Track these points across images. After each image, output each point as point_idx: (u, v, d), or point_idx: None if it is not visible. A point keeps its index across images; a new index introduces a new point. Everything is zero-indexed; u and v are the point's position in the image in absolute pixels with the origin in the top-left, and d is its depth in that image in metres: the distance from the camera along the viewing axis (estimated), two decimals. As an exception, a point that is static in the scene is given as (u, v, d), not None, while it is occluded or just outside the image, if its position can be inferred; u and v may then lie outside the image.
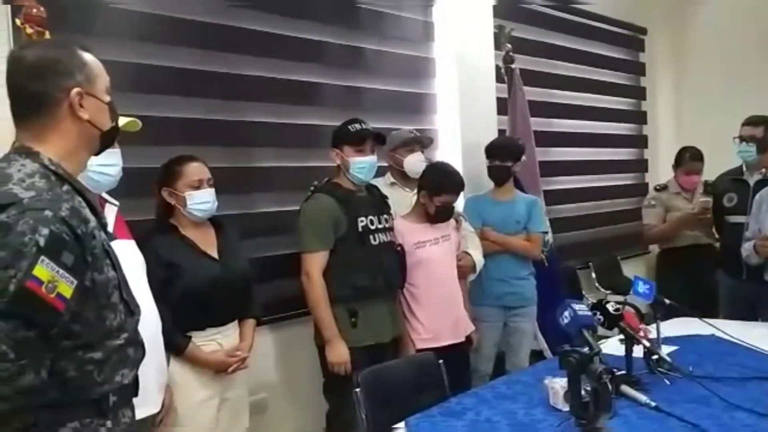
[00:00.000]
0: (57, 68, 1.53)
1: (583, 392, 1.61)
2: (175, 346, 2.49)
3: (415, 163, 3.50)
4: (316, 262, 2.95)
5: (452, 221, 3.43)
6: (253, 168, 3.42)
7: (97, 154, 1.69)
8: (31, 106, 1.53)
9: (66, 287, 1.39)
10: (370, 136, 3.08)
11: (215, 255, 2.64)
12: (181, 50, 3.11)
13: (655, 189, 4.84)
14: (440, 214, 3.28)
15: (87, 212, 1.51)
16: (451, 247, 3.38)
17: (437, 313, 3.26)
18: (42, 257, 1.36)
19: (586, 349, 1.71)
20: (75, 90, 1.53)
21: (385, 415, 2.29)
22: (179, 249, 2.56)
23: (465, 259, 3.47)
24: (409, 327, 3.23)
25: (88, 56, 1.59)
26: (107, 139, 1.65)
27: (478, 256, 3.52)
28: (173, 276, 2.50)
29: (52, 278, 1.36)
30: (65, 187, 1.50)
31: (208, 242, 2.65)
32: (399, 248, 3.18)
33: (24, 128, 1.55)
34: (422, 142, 3.64)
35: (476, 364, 3.68)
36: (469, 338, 3.40)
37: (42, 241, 1.36)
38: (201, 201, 2.60)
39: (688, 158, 4.66)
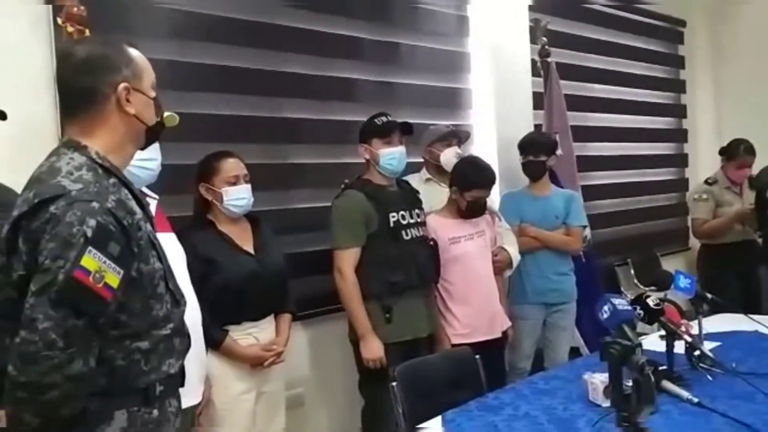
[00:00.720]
0: (105, 64, 1.56)
1: (624, 385, 1.58)
2: (213, 339, 2.51)
3: (451, 157, 3.49)
4: (348, 259, 2.96)
5: (487, 217, 3.41)
6: (289, 164, 3.43)
7: (142, 148, 1.72)
8: (80, 100, 1.56)
9: (113, 277, 1.42)
10: (397, 126, 3.08)
11: (251, 250, 2.67)
12: (219, 48, 3.13)
13: (706, 182, 4.73)
14: (472, 210, 3.25)
15: (133, 204, 1.55)
16: (486, 243, 3.35)
17: (473, 309, 3.24)
18: (89, 248, 1.39)
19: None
20: (122, 85, 1.56)
21: (421, 409, 2.28)
22: (216, 244, 2.59)
23: (501, 254, 3.44)
24: (444, 322, 3.22)
25: (134, 52, 1.62)
26: (152, 133, 1.68)
27: (514, 252, 3.50)
28: (210, 271, 2.53)
29: (99, 268, 1.39)
30: (112, 180, 1.53)
31: (244, 238, 2.68)
32: (432, 243, 3.17)
33: (72, 123, 1.58)
34: (459, 136, 3.63)
35: (515, 361, 3.65)
36: (505, 334, 3.37)
37: (89, 232, 1.39)
38: (237, 197, 2.62)
39: (743, 151, 4.54)
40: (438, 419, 2.13)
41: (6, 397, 1.44)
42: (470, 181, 3.22)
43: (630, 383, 1.55)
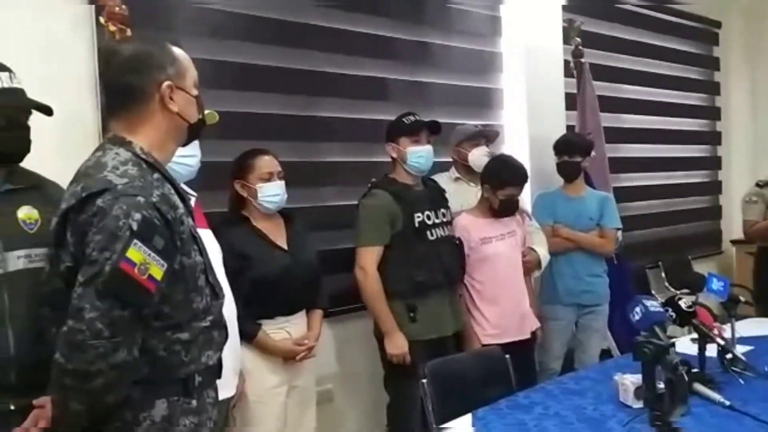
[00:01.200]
0: (150, 62, 1.60)
1: (657, 386, 1.58)
2: (247, 333, 2.55)
3: (479, 156, 3.49)
4: (370, 257, 2.98)
5: (517, 217, 3.41)
6: (320, 162, 3.47)
7: (184, 145, 1.76)
8: (125, 98, 1.61)
9: (157, 270, 1.46)
10: (425, 125, 3.10)
11: (285, 246, 2.70)
12: (253, 47, 3.18)
13: (757, 185, 4.67)
14: (504, 208, 3.26)
15: (176, 199, 1.59)
16: (517, 243, 3.35)
17: (503, 309, 3.24)
18: (135, 240, 1.43)
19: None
20: (166, 83, 1.60)
21: (450, 406, 2.29)
22: (251, 240, 2.63)
23: (530, 255, 3.44)
24: (474, 322, 3.23)
25: (178, 51, 1.66)
26: (194, 131, 1.72)
27: (543, 253, 3.49)
28: (245, 266, 2.57)
29: (144, 261, 1.44)
30: (155, 175, 1.57)
31: (278, 234, 2.72)
32: (457, 242, 3.18)
33: (118, 119, 1.63)
34: (487, 135, 3.63)
35: (545, 362, 3.65)
36: (534, 334, 3.37)
37: (135, 226, 1.44)
38: (271, 193, 2.66)
39: None
40: (468, 417, 2.15)
41: (52, 384, 1.50)
42: (503, 180, 3.22)
43: (662, 385, 1.55)
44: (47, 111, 1.93)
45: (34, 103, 1.90)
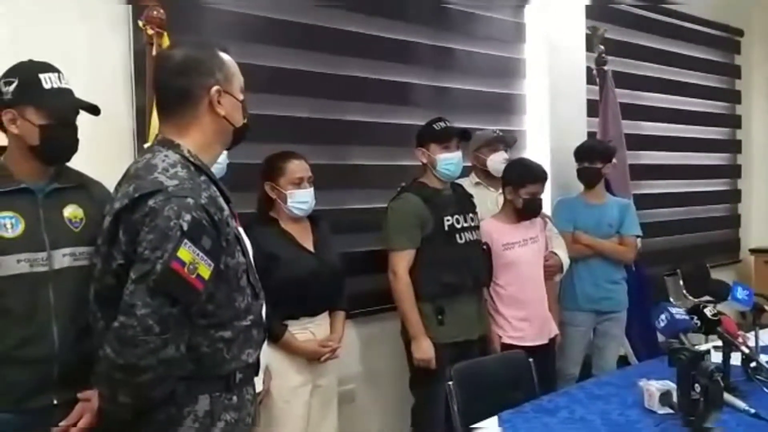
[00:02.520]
0: (200, 67, 1.65)
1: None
2: (273, 333, 2.60)
3: (498, 162, 3.52)
4: (402, 261, 3.01)
5: (539, 221, 3.43)
6: (346, 165, 3.50)
7: (228, 148, 1.80)
8: (175, 101, 1.65)
9: (205, 269, 1.50)
10: (456, 132, 3.13)
11: (311, 249, 2.74)
12: (282, 51, 3.22)
13: None
14: (529, 208, 3.28)
15: (221, 201, 1.63)
16: (540, 249, 3.38)
17: (524, 314, 3.28)
18: (185, 240, 1.47)
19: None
20: (215, 88, 1.65)
21: (475, 408, 2.32)
22: (279, 241, 2.68)
23: (552, 259, 3.46)
24: (495, 325, 3.26)
25: (226, 57, 1.71)
26: (239, 134, 1.76)
27: (564, 257, 3.52)
28: (272, 266, 2.61)
29: (193, 260, 1.48)
30: (203, 177, 1.62)
31: (305, 236, 2.76)
32: (485, 246, 3.21)
33: (167, 122, 1.68)
34: (506, 141, 3.65)
35: (564, 367, 3.66)
36: (552, 340, 3.39)
37: (185, 226, 1.48)
38: (301, 200, 2.71)
39: None
40: (494, 419, 2.17)
41: (100, 378, 1.54)
42: (524, 178, 3.25)
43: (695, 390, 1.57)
44: (94, 110, 1.97)
45: (83, 103, 1.94)
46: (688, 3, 5.36)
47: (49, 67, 1.90)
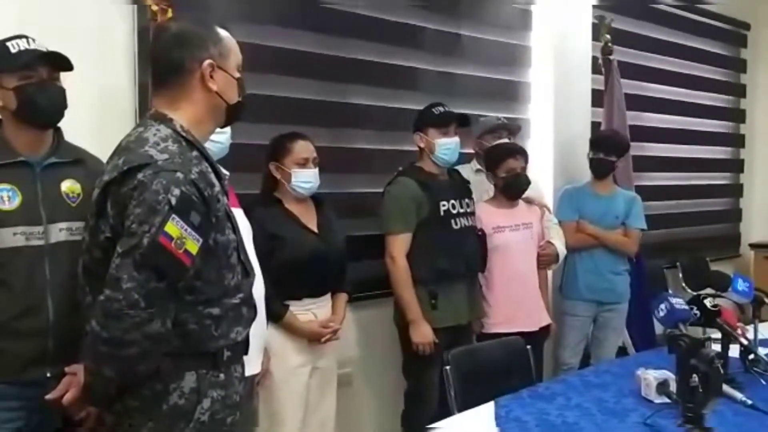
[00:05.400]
0: (194, 40, 1.64)
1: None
2: (274, 313, 2.60)
3: None
4: (399, 245, 3.01)
5: (537, 209, 3.42)
6: (348, 149, 3.48)
7: (223, 126, 1.79)
8: (168, 73, 1.65)
9: (193, 245, 1.50)
10: (455, 118, 3.12)
11: (315, 230, 2.74)
12: (287, 32, 3.20)
13: None
14: (511, 186, 3.26)
15: (212, 177, 1.62)
16: (532, 236, 3.37)
17: (509, 299, 3.26)
18: (173, 215, 1.47)
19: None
20: (207, 62, 1.64)
21: (472, 393, 2.34)
22: (283, 222, 2.67)
23: (549, 248, 3.46)
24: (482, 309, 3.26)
25: (224, 33, 1.70)
26: (234, 112, 1.74)
27: (561, 247, 3.51)
28: (276, 247, 2.62)
29: (181, 235, 1.47)
30: (194, 153, 1.61)
31: (309, 217, 2.76)
32: (480, 233, 3.21)
33: (160, 95, 1.67)
34: (509, 128, 3.63)
35: (563, 356, 3.68)
36: (545, 329, 3.38)
37: (174, 201, 1.48)
38: (305, 180, 2.70)
39: None
40: (490, 404, 2.19)
41: (85, 351, 1.54)
42: (498, 154, 3.26)
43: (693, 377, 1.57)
44: (64, 62, 1.91)
45: (46, 53, 1.88)
46: (696, -6, 5.34)
47: (19, 36, 1.87)
